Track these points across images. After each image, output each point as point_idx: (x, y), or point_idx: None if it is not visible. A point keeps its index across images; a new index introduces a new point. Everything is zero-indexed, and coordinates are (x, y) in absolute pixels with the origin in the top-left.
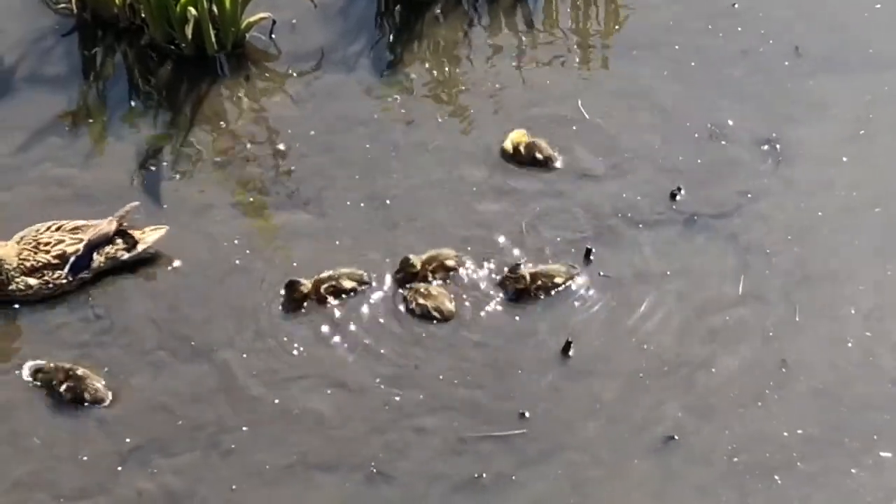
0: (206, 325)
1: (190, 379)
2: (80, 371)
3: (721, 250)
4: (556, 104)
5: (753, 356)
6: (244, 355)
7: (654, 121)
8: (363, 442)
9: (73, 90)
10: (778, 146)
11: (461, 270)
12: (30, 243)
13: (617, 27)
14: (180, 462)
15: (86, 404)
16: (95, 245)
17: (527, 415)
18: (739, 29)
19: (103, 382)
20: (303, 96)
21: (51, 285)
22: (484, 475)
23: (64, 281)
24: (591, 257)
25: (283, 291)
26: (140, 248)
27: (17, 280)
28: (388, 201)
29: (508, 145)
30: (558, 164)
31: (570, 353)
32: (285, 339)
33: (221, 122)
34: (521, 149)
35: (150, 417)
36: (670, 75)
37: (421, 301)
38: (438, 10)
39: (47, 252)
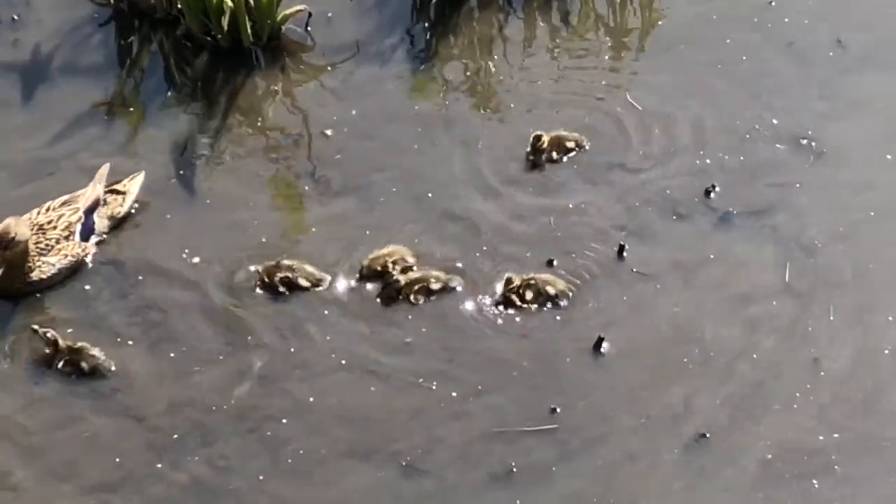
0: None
1: (229, 369)
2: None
3: (756, 248)
4: (590, 98)
5: (787, 356)
6: (283, 346)
7: (693, 115)
8: (396, 434)
9: (109, 80)
10: (815, 143)
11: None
12: (32, 232)
13: (656, 21)
14: (213, 452)
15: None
16: (91, 209)
17: (558, 410)
18: (785, 20)
19: (103, 356)
20: (338, 89)
21: (70, 258)
22: (515, 470)
23: (80, 250)
24: (625, 253)
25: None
26: (129, 199)
27: (39, 263)
28: (424, 193)
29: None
30: (589, 158)
31: (603, 348)
32: (320, 329)
33: (256, 114)
34: (548, 144)
35: (184, 407)
36: (709, 69)
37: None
38: (474, 4)
39: (54, 228)
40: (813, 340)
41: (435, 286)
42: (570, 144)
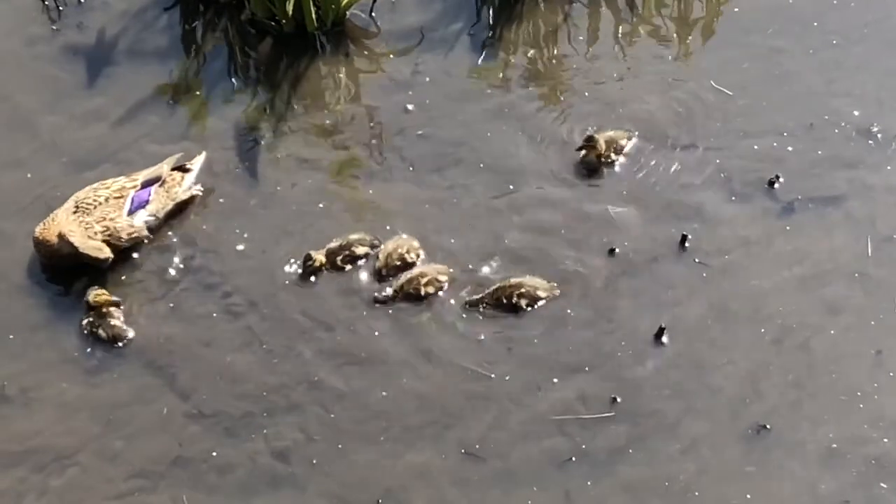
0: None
1: (278, 350)
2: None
3: (820, 236)
4: (659, 85)
5: (853, 347)
6: (336, 328)
7: (762, 101)
8: (454, 421)
9: (173, 65)
10: (885, 132)
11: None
12: (90, 202)
13: (723, 6)
14: (278, 428)
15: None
16: (149, 182)
17: (618, 399)
18: (854, 4)
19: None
20: (401, 75)
21: (123, 238)
22: (573, 458)
23: (131, 227)
24: (687, 244)
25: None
26: (189, 178)
27: (109, 213)
28: (479, 183)
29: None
30: (652, 146)
31: (664, 339)
32: (378, 316)
33: (319, 100)
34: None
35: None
36: (780, 55)
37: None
38: None
39: (107, 188)
40: (881, 331)
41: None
42: (623, 142)
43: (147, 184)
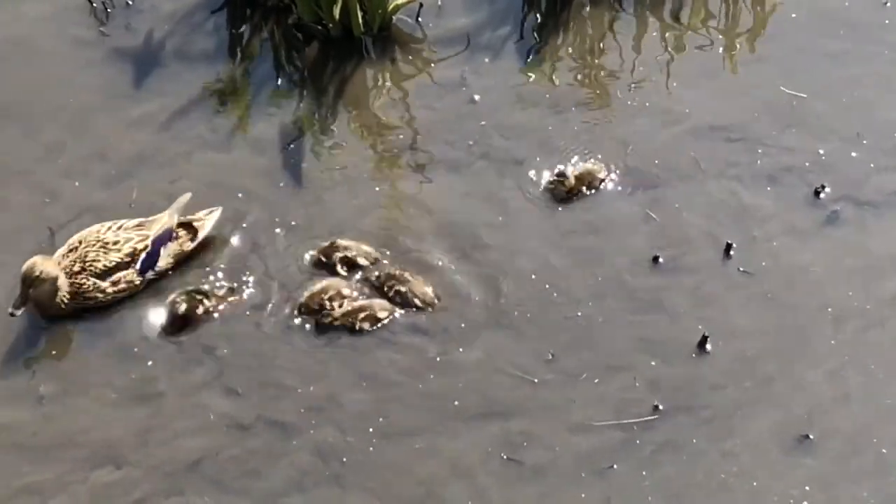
0: None
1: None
2: None
3: (860, 246)
4: (692, 97)
5: None
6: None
7: (803, 114)
8: (494, 426)
9: (220, 67)
10: None
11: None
12: (93, 245)
13: (769, 15)
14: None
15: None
16: (161, 240)
17: (660, 407)
18: None
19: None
20: (447, 80)
21: (123, 286)
22: (615, 466)
23: (138, 281)
24: (731, 252)
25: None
26: (201, 235)
27: (89, 285)
28: (527, 187)
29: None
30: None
31: (707, 346)
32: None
33: (365, 104)
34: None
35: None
36: (829, 61)
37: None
38: None
39: (118, 251)
40: None
41: None
42: (601, 176)
43: (158, 242)
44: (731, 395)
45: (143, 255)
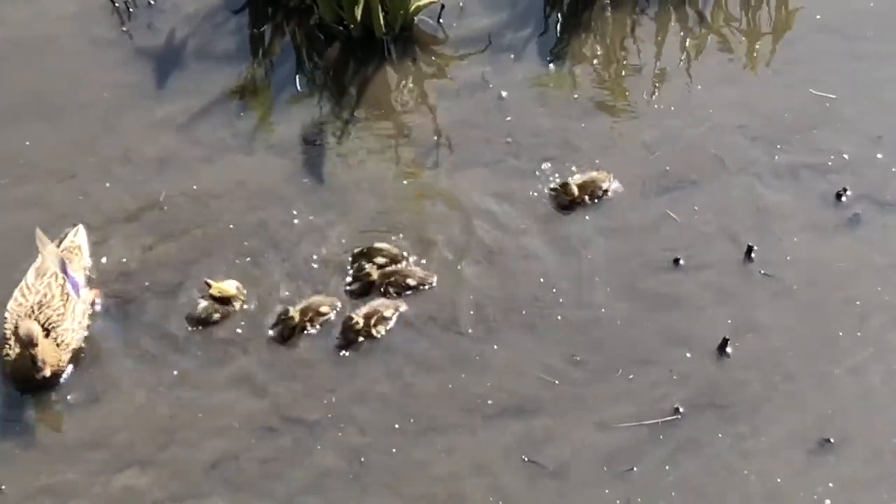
0: None
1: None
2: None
3: (884, 246)
4: (716, 98)
5: None
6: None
7: (831, 116)
8: (515, 428)
9: (241, 67)
10: None
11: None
12: (32, 313)
13: (792, 17)
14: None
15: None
16: (64, 268)
17: (681, 409)
18: None
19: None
20: (468, 81)
21: (81, 314)
22: (636, 465)
23: (85, 305)
24: (753, 255)
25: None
26: (86, 252)
27: (60, 333)
28: (547, 188)
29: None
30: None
31: (728, 349)
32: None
33: (386, 105)
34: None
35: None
36: (851, 67)
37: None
38: (607, 0)
39: (53, 299)
40: None
41: None
42: (605, 185)
43: (64, 271)
44: (753, 395)
45: (69, 287)
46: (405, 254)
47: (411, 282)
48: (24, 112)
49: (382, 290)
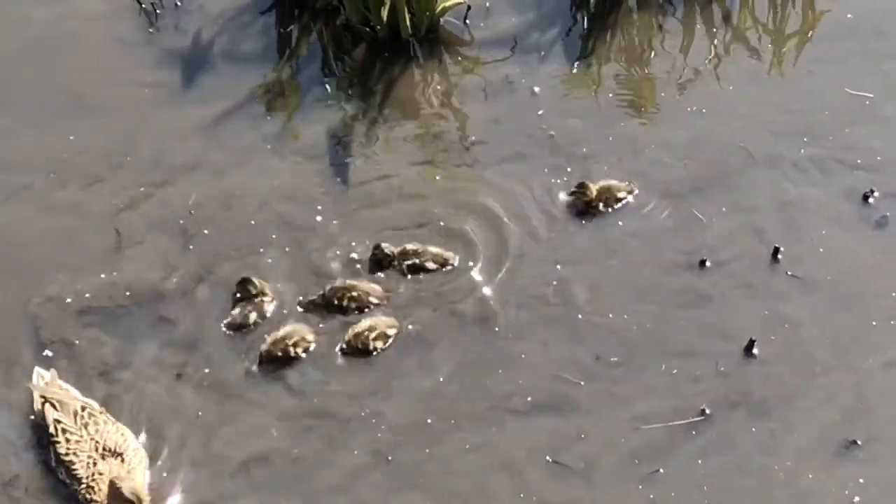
0: None
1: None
2: None
3: None
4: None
5: None
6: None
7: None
8: (545, 426)
9: (267, 68)
10: None
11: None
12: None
13: (818, 20)
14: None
15: None
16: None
17: (707, 411)
18: None
19: None
20: (494, 82)
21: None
22: (662, 467)
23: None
24: (780, 255)
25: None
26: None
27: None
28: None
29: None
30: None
31: (755, 351)
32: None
33: (412, 106)
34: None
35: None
36: (886, 66)
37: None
38: (633, 1)
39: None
40: None
41: None
42: (621, 195)
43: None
44: (783, 392)
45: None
46: (444, 253)
47: (431, 265)
48: (53, 113)
49: (398, 265)
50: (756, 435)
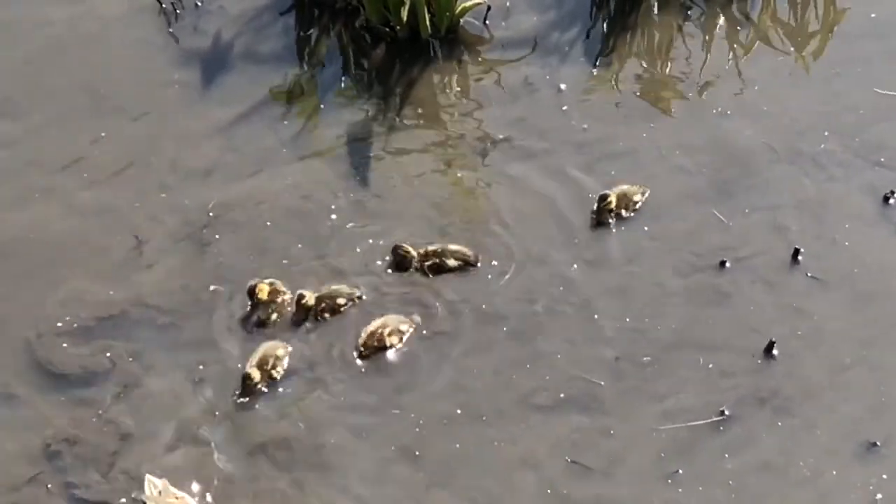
0: None
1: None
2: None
3: None
4: (767, 99)
5: None
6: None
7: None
8: (568, 423)
9: (287, 69)
10: None
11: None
12: None
13: (840, 18)
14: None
15: None
16: None
17: (726, 412)
18: None
19: None
20: (514, 84)
21: None
22: (680, 471)
23: None
24: (800, 258)
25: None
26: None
27: None
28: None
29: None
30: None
31: (774, 352)
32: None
33: (432, 106)
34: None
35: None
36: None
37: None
38: (654, 1)
39: None
40: None
41: None
42: (636, 198)
43: None
44: (803, 391)
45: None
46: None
47: (453, 263)
48: (73, 113)
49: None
50: (779, 432)
